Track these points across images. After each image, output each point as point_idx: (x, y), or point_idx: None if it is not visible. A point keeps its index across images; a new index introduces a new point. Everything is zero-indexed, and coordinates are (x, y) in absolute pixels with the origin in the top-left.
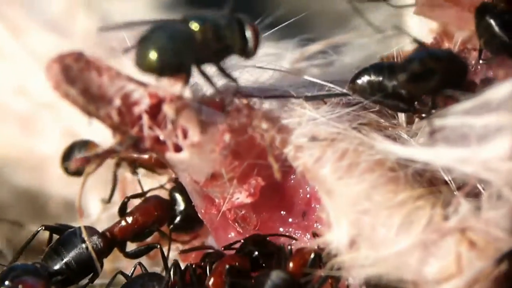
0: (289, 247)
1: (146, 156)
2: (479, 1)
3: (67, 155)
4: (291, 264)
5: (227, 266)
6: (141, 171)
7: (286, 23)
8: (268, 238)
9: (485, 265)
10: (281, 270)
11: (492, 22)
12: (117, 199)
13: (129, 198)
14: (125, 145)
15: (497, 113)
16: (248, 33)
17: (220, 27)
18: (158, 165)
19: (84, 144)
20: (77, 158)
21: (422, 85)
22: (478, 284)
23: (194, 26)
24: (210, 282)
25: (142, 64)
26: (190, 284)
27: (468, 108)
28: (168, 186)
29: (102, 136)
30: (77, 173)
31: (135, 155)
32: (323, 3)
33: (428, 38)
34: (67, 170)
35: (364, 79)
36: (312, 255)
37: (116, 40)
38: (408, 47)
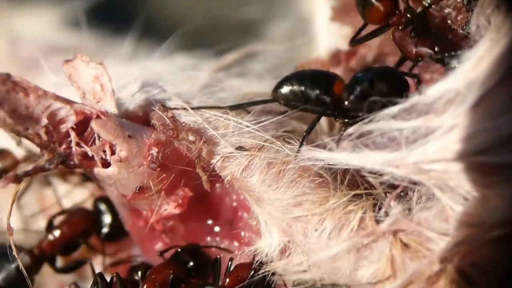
0: (229, 262)
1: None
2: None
3: None
4: (227, 280)
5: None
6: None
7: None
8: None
9: (419, 267)
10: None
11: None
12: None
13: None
14: (54, 163)
15: (425, 117)
16: None
17: None
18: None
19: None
20: (7, 176)
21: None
22: (412, 286)
23: None
24: None
25: None
26: None
27: (395, 112)
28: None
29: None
30: None
31: None
32: (228, 11)
33: (341, 44)
34: None
35: (287, 88)
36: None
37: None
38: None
